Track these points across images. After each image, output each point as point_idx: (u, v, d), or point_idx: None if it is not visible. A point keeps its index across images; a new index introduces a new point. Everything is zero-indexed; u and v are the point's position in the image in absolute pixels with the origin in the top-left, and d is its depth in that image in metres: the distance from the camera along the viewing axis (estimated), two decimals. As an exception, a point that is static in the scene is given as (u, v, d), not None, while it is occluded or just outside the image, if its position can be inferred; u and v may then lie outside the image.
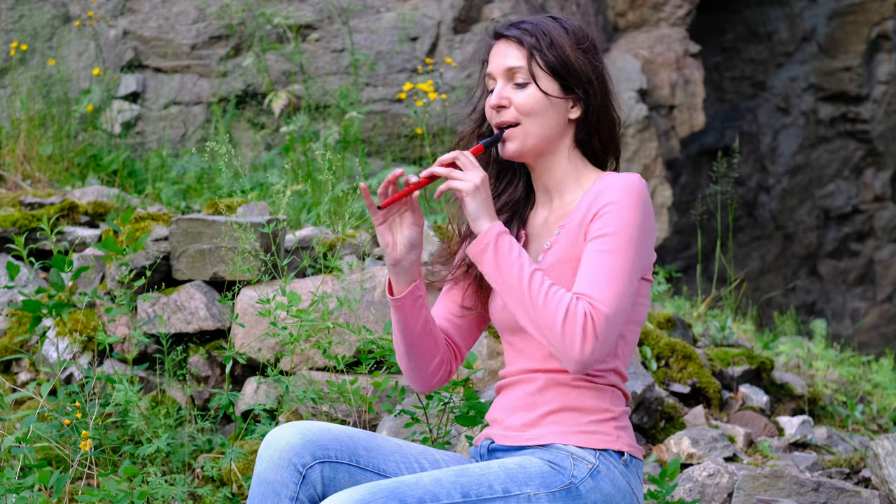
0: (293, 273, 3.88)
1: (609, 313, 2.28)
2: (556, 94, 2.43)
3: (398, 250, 2.44)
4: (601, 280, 2.30)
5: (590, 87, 2.44)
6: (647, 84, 7.57)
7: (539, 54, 2.43)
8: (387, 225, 2.44)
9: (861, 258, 9.88)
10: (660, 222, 7.57)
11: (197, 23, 6.74)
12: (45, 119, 5.80)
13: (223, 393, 3.50)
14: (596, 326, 2.28)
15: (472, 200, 2.36)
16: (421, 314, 2.47)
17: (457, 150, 2.39)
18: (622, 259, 2.32)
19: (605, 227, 2.34)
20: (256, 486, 2.36)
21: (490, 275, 2.35)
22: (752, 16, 9.66)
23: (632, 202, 2.35)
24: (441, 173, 2.38)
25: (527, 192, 2.56)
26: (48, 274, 3.96)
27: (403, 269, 2.45)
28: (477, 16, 6.91)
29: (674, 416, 3.97)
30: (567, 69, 2.43)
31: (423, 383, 2.56)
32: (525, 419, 2.42)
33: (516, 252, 2.34)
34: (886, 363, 5.54)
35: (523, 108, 2.43)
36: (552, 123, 2.44)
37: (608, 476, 2.36)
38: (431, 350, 2.51)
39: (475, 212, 2.36)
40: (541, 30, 2.44)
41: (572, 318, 2.28)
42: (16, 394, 3.53)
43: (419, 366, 2.53)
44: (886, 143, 9.74)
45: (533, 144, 2.45)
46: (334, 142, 5.91)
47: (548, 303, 2.29)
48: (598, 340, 2.28)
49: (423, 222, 2.45)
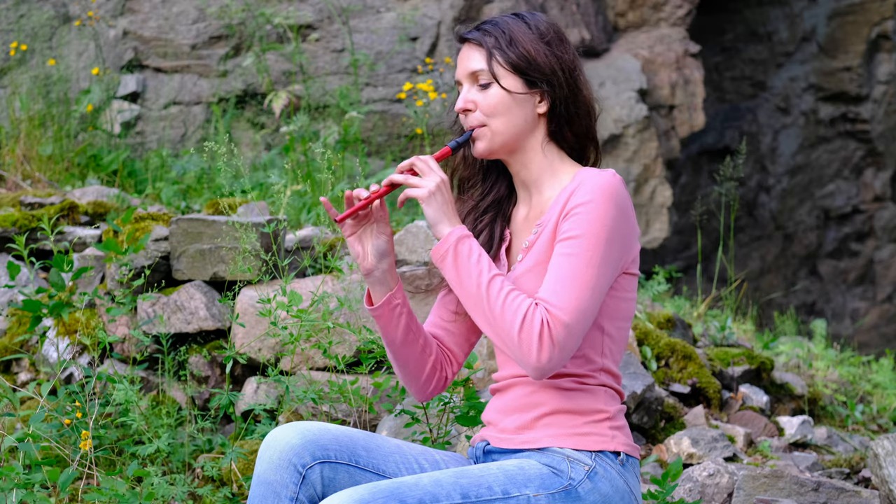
0: (293, 273, 3.88)
1: (568, 321, 2.28)
2: (519, 90, 2.44)
3: (369, 260, 2.46)
4: (562, 285, 2.30)
5: (554, 79, 2.44)
6: (647, 84, 7.57)
7: (499, 53, 2.43)
8: (356, 236, 2.46)
9: (861, 258, 9.88)
10: (660, 222, 7.57)
11: (197, 23, 6.75)
12: (45, 119, 5.80)
13: (223, 393, 3.50)
14: (552, 334, 2.28)
15: (427, 206, 2.37)
16: (400, 322, 2.48)
17: (415, 156, 2.41)
18: (586, 263, 2.31)
19: (572, 228, 2.33)
20: (256, 487, 2.36)
21: (450, 280, 2.36)
22: (752, 16, 9.66)
23: (603, 202, 2.34)
24: (398, 180, 2.39)
25: (510, 190, 2.56)
26: (48, 274, 3.96)
27: (377, 278, 2.47)
28: (477, 16, 6.91)
29: (674, 416, 3.97)
30: (529, 64, 2.43)
31: (419, 391, 2.57)
32: (519, 422, 2.42)
33: (475, 257, 2.34)
34: (886, 363, 5.54)
35: (487, 109, 2.44)
36: (518, 120, 2.45)
37: (605, 477, 2.36)
38: (418, 358, 2.52)
39: (432, 217, 2.37)
40: (500, 29, 2.45)
41: (528, 325, 2.28)
42: (16, 394, 3.53)
43: (410, 373, 2.53)
44: (886, 143, 9.74)
45: (501, 142, 2.45)
46: (334, 142, 5.91)
47: (505, 310, 2.29)
48: (555, 348, 2.28)
49: (390, 231, 2.46)
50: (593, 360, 2.41)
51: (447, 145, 2.48)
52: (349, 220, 2.45)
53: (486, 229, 2.53)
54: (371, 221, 2.46)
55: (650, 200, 7.57)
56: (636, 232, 2.41)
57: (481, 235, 2.52)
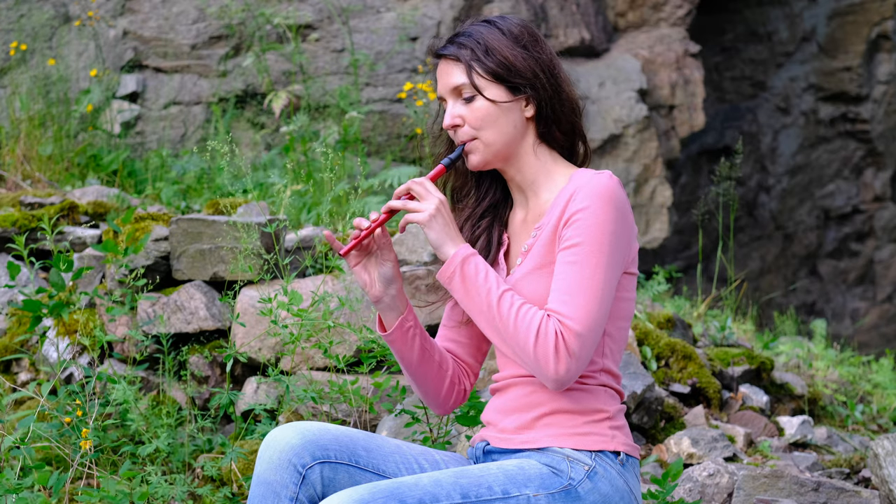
0: (294, 273, 3.88)
1: (580, 330, 2.29)
2: (503, 99, 2.43)
3: (377, 288, 2.47)
4: (571, 295, 2.31)
5: (537, 82, 2.44)
6: (647, 84, 7.57)
7: (478, 64, 2.42)
8: (361, 266, 2.47)
9: (861, 258, 9.88)
10: (660, 222, 7.57)
11: (197, 23, 6.74)
12: (45, 119, 5.80)
13: (223, 393, 3.50)
14: (568, 345, 2.29)
15: (429, 230, 2.37)
16: (415, 344, 2.49)
17: (411, 180, 2.41)
18: (592, 270, 2.32)
19: (575, 235, 2.34)
20: (256, 487, 2.36)
21: (460, 300, 2.37)
22: (752, 16, 9.66)
23: (601, 206, 2.34)
24: (397, 206, 2.40)
25: (504, 194, 2.57)
26: (48, 274, 3.96)
27: (386, 304, 2.48)
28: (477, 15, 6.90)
29: (674, 416, 3.97)
30: (509, 71, 2.42)
31: (439, 407, 2.59)
32: (519, 422, 2.42)
33: (482, 275, 2.35)
34: (886, 363, 5.54)
35: (475, 122, 2.44)
36: (508, 128, 2.45)
37: (605, 477, 2.36)
38: (436, 375, 2.53)
39: (436, 240, 2.38)
40: (475, 39, 2.44)
41: (543, 339, 2.29)
42: (16, 394, 3.53)
43: (430, 392, 2.55)
44: (886, 143, 9.74)
45: (495, 152, 2.45)
46: (334, 142, 5.91)
47: (518, 325, 2.30)
48: (572, 358, 2.29)
49: (395, 257, 2.47)
50: (594, 360, 2.41)
51: (441, 163, 2.48)
52: (353, 252, 2.46)
53: (483, 234, 2.54)
54: (375, 250, 2.47)
55: (650, 200, 7.57)
56: (634, 231, 2.42)
57: (479, 241, 2.53)
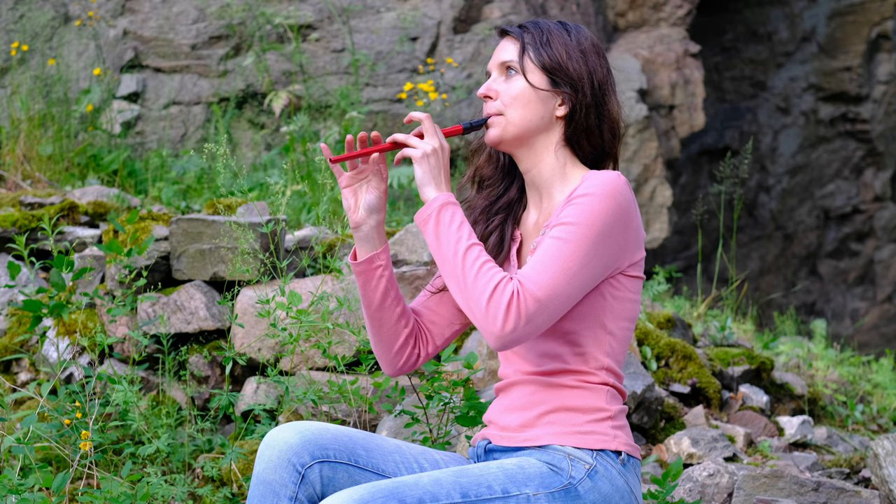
0: (293, 273, 3.88)
1: (540, 296, 2.28)
2: (542, 86, 2.45)
3: (359, 213, 2.48)
4: (544, 266, 2.30)
5: (580, 86, 2.45)
6: (647, 84, 7.57)
7: (532, 48, 2.45)
8: (351, 189, 2.48)
9: (861, 258, 9.88)
10: (660, 222, 7.57)
11: (197, 23, 6.74)
12: (45, 119, 5.80)
13: (223, 393, 3.50)
14: (521, 306, 2.27)
15: (418, 166, 2.38)
16: (380, 285, 2.49)
17: (427, 115, 2.42)
18: (573, 250, 2.31)
19: (567, 216, 2.34)
20: (256, 487, 2.37)
21: (430, 245, 2.37)
22: (752, 16, 9.66)
23: (603, 196, 2.34)
24: (401, 140, 2.41)
25: (520, 193, 2.57)
26: (48, 274, 3.96)
27: (365, 234, 2.48)
28: (477, 16, 6.91)
29: (674, 416, 3.97)
30: (559, 66, 2.44)
31: (389, 363, 2.57)
32: (521, 420, 2.42)
33: (456, 224, 2.35)
34: (886, 363, 5.54)
35: (507, 99, 2.46)
36: (535, 116, 2.45)
37: (606, 476, 2.36)
38: (393, 325, 2.52)
39: (421, 178, 2.38)
40: (540, 28, 2.48)
41: (499, 295, 2.28)
42: (16, 394, 3.53)
43: (382, 340, 2.54)
44: (886, 143, 9.74)
45: (513, 133, 2.46)
46: (334, 142, 5.91)
47: (478, 278, 2.30)
48: (521, 319, 2.27)
49: (385, 189, 2.48)
50: (597, 358, 2.41)
51: (461, 124, 2.50)
52: (348, 172, 2.46)
53: (496, 230, 2.54)
54: (368, 176, 2.48)
55: (650, 200, 7.57)
56: (640, 235, 2.40)
57: (492, 236, 2.53)
